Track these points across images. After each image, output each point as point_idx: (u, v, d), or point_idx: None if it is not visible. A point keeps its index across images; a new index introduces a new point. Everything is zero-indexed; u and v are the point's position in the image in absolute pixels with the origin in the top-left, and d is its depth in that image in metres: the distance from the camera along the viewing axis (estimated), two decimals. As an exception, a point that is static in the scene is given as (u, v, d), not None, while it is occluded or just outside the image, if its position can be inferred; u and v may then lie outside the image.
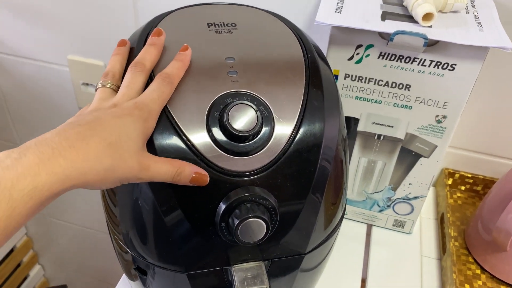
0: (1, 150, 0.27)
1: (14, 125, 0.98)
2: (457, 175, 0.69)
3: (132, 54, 0.39)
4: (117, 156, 0.30)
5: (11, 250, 1.20)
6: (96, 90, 0.36)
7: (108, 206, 0.42)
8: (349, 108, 0.53)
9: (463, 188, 0.70)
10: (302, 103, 0.37)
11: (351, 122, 0.54)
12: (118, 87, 0.36)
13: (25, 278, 1.29)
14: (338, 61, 0.49)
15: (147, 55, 0.37)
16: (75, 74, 0.82)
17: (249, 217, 0.34)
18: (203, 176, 0.34)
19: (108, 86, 0.36)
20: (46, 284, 1.38)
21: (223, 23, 0.41)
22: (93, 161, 0.29)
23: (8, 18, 0.78)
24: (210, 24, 0.41)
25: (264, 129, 0.36)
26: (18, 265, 1.25)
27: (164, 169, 0.33)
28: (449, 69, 0.47)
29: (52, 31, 0.78)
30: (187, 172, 0.33)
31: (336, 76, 0.51)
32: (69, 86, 0.85)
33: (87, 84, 0.83)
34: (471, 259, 0.60)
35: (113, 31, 0.74)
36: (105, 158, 0.29)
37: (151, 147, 0.34)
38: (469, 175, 0.68)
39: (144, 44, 0.39)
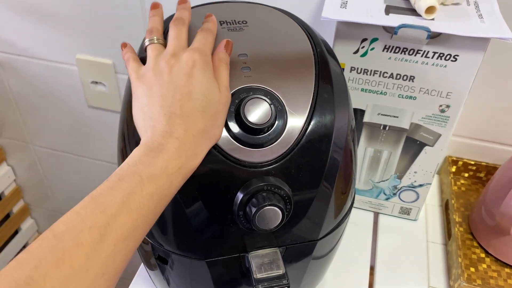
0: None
1: (24, 124, 1.00)
2: (460, 163, 0.71)
3: None
4: (214, 111, 0.35)
5: (23, 248, 1.22)
6: (145, 48, 0.39)
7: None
8: (355, 100, 0.54)
9: (466, 175, 0.72)
10: (313, 96, 0.39)
11: (357, 113, 0.56)
12: (164, 42, 0.39)
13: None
14: (344, 54, 0.51)
15: (182, 14, 0.41)
16: (84, 73, 0.84)
17: (266, 205, 0.36)
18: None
19: (155, 41, 0.39)
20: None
21: (235, 20, 0.43)
22: (204, 131, 0.34)
23: (17, 19, 0.80)
24: (222, 22, 0.43)
25: (278, 122, 0.38)
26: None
27: (226, 72, 0.38)
28: (451, 60, 0.48)
29: (60, 31, 0.79)
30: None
31: (342, 70, 0.52)
32: (78, 85, 0.86)
33: (96, 83, 0.84)
34: (475, 244, 0.61)
35: (120, 30, 0.75)
36: (209, 121, 0.34)
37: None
38: (472, 162, 0.70)
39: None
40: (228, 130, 0.37)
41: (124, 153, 0.42)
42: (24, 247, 1.22)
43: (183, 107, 0.33)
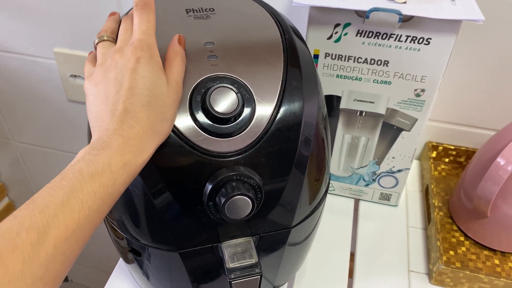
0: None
1: (5, 120, 0.98)
2: (440, 148, 0.71)
3: None
4: (161, 104, 0.34)
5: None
6: (95, 47, 0.38)
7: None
8: (330, 86, 0.54)
9: (446, 160, 0.72)
10: (281, 83, 0.39)
11: (334, 100, 0.55)
12: (115, 40, 0.38)
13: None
14: (317, 41, 0.51)
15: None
16: (63, 66, 0.83)
17: (235, 195, 0.36)
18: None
19: (105, 38, 0.38)
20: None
21: (201, 8, 0.42)
22: (152, 127, 0.33)
23: (-9, 14, 0.78)
24: (188, 10, 0.42)
25: (246, 111, 0.37)
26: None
27: (180, 65, 0.37)
28: (424, 43, 0.48)
29: (36, 24, 0.78)
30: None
31: (317, 56, 0.52)
32: (57, 78, 0.85)
33: (75, 76, 0.83)
34: (455, 227, 0.62)
35: (97, 21, 0.74)
36: (154, 116, 0.33)
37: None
38: (452, 147, 0.70)
39: None
40: (195, 120, 0.36)
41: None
42: (11, 244, 1.22)
43: (126, 103, 0.32)
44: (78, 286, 1.27)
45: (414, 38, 0.48)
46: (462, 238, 0.60)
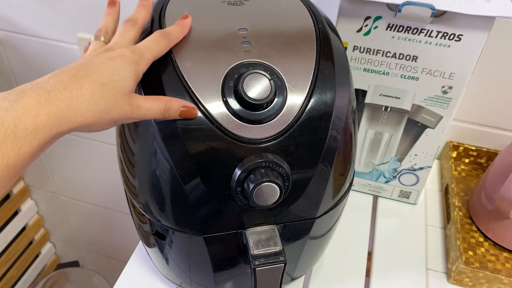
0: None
1: (24, 104, 0.99)
2: (461, 148, 0.70)
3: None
4: (110, 97, 0.31)
5: (23, 228, 1.23)
6: (89, 44, 0.37)
7: (127, 177, 0.43)
8: (357, 80, 0.54)
9: (467, 160, 0.71)
10: (314, 72, 0.39)
11: (359, 94, 0.55)
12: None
13: (36, 256, 1.32)
14: (347, 33, 0.50)
15: (138, 14, 0.39)
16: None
17: (263, 182, 0.36)
18: (191, 109, 0.35)
19: (102, 39, 0.37)
20: (57, 262, 1.41)
21: (235, -5, 0.42)
22: (88, 102, 0.30)
23: (17, -3, 0.79)
24: (222, -3, 0.42)
25: (277, 98, 0.37)
26: (30, 243, 1.28)
27: (154, 106, 0.34)
28: (455, 40, 0.47)
29: (61, 8, 0.78)
30: (175, 107, 0.35)
31: (345, 48, 0.52)
32: (78, 64, 0.86)
33: (96, 62, 0.84)
34: (474, 228, 0.61)
35: (122, 7, 0.74)
36: (99, 99, 0.30)
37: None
38: (473, 148, 0.70)
39: (160, 19, 0.40)
40: (227, 105, 0.36)
41: (122, 133, 0.42)
42: (24, 228, 1.23)
43: (81, 72, 0.30)
44: (88, 272, 1.28)
45: (445, 34, 0.48)
46: (481, 239, 0.60)
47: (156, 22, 0.40)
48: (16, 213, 1.19)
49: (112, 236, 1.27)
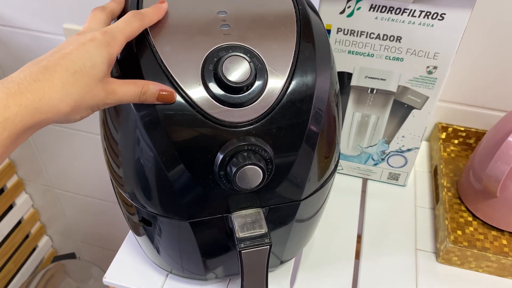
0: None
1: (13, 97, 0.99)
2: (450, 129, 0.70)
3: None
4: (83, 84, 0.31)
5: (19, 222, 1.23)
6: None
7: (111, 166, 0.43)
8: (342, 62, 0.54)
9: (456, 141, 0.72)
10: (294, 54, 0.38)
11: (345, 77, 0.55)
12: None
13: (34, 249, 1.32)
14: (330, 15, 0.50)
15: (107, 4, 0.39)
16: (71, 43, 0.82)
17: (246, 165, 0.36)
18: (170, 93, 0.35)
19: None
20: (54, 254, 1.42)
21: (215, -22, 0.42)
22: (60, 92, 0.29)
23: (0, -11, 0.78)
24: (201, -20, 0.42)
25: (258, 81, 0.37)
26: (26, 237, 1.28)
27: (130, 90, 0.34)
28: (438, 19, 0.47)
29: (46, 0, 0.77)
30: (152, 90, 0.34)
31: (329, 31, 0.51)
32: (66, 55, 0.85)
33: (84, 53, 0.83)
34: (463, 208, 0.62)
35: None
36: (71, 88, 0.30)
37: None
38: (462, 129, 0.70)
39: (138, 4, 0.40)
40: (207, 89, 0.36)
41: (104, 123, 0.42)
42: (19, 222, 1.23)
43: (51, 61, 0.30)
44: (85, 263, 1.29)
45: (428, 13, 0.47)
46: (470, 219, 0.60)
47: (134, 7, 0.40)
48: (11, 207, 1.19)
49: (107, 227, 1.27)
